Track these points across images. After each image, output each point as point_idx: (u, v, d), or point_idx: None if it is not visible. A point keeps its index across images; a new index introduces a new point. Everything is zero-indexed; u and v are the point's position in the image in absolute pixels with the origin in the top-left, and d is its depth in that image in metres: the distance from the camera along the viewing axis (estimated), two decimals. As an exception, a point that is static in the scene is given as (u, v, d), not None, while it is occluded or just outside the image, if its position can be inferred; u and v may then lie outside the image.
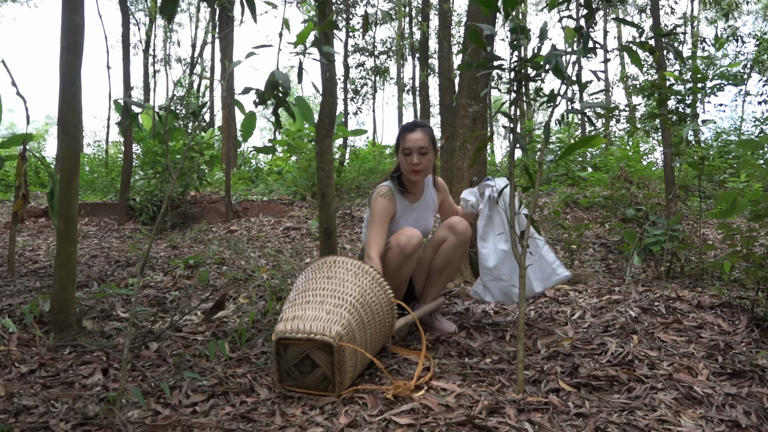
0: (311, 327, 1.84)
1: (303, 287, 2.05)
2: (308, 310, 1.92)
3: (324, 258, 2.19)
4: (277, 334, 1.85)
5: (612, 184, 5.85)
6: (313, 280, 2.07)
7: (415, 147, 2.42)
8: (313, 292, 2.00)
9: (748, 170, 3.50)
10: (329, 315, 1.89)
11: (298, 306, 1.95)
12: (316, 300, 1.96)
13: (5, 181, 10.70)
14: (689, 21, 15.38)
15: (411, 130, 2.47)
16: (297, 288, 2.09)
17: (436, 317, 2.53)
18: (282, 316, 1.94)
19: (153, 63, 19.39)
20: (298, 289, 2.06)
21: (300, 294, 2.02)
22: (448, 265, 2.48)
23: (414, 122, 2.53)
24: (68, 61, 2.44)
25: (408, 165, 2.44)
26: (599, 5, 1.87)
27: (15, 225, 3.79)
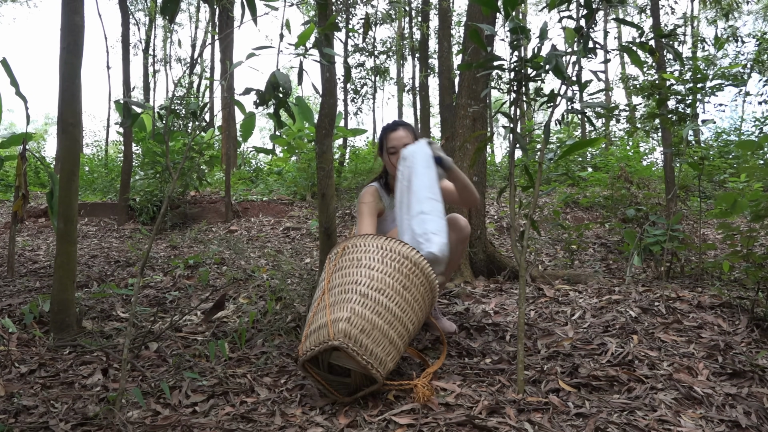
0: (372, 353, 1.75)
1: (356, 277, 1.90)
2: (375, 325, 1.79)
3: (363, 240, 2.03)
4: (339, 339, 1.73)
5: (612, 184, 5.85)
6: (363, 268, 1.93)
7: (399, 145, 2.42)
8: (371, 290, 1.86)
9: (748, 171, 3.49)
10: (389, 344, 1.81)
11: (366, 309, 1.81)
12: (382, 312, 1.83)
13: (5, 181, 10.70)
14: (689, 21, 15.38)
15: (393, 129, 2.47)
16: (347, 274, 1.93)
17: (435, 316, 2.53)
18: (346, 308, 1.80)
19: (153, 63, 19.39)
20: (349, 278, 1.91)
21: (366, 288, 1.86)
22: (450, 258, 2.49)
23: (395, 122, 2.52)
24: (68, 61, 2.44)
25: (393, 164, 2.42)
26: (599, 5, 1.87)
27: (15, 225, 3.79)
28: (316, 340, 1.79)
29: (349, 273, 1.94)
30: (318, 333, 1.80)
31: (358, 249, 2.01)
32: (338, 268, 1.98)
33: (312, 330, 1.85)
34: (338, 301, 1.85)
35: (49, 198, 3.53)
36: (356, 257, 1.98)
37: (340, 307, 1.83)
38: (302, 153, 8.47)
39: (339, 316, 1.79)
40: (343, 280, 1.92)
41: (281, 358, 2.21)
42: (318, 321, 1.85)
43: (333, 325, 1.77)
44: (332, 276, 1.97)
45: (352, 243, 2.04)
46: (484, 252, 3.76)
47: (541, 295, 3.06)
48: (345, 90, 12.74)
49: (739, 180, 5.41)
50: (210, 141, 8.11)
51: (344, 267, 1.97)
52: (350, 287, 1.88)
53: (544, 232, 5.65)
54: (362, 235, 2.07)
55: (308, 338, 1.84)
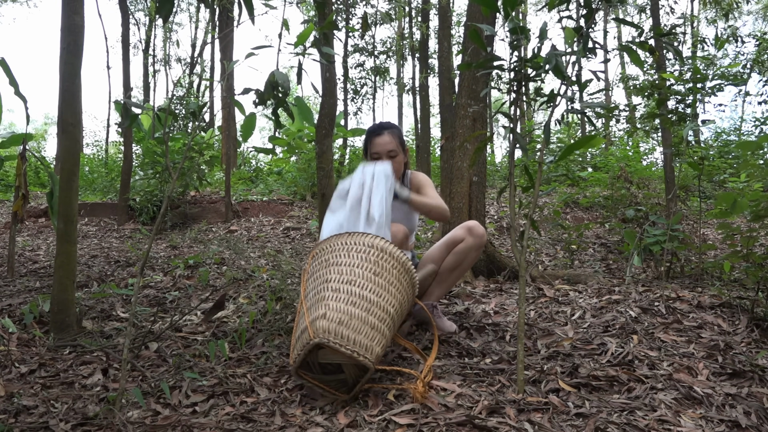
0: (355, 341, 1.78)
1: (337, 275, 1.93)
2: (353, 315, 1.83)
3: (344, 237, 2.06)
4: (319, 335, 1.77)
5: (612, 184, 5.85)
6: (346, 266, 1.96)
7: (383, 151, 2.42)
8: (351, 284, 1.90)
9: (748, 170, 3.50)
10: (371, 330, 1.84)
11: (340, 302, 1.85)
12: (357, 301, 1.87)
13: (5, 181, 10.70)
14: (689, 21, 15.38)
15: (378, 133, 2.43)
16: (330, 272, 1.95)
17: (437, 315, 2.53)
18: (321, 306, 1.84)
19: (153, 63, 19.39)
20: (333, 276, 1.94)
21: (337, 284, 1.90)
22: (459, 265, 2.49)
23: (380, 125, 2.48)
24: (68, 61, 2.44)
25: None
26: (599, 5, 1.87)
27: (15, 225, 3.79)
28: (301, 344, 1.83)
29: (319, 275, 1.99)
30: (301, 338, 1.84)
31: (325, 251, 2.07)
32: (310, 274, 2.04)
33: (296, 338, 1.89)
34: (313, 303, 1.89)
35: (49, 198, 3.53)
36: (324, 259, 2.04)
37: (316, 307, 1.87)
38: (302, 153, 8.47)
39: (315, 315, 1.83)
40: (315, 284, 1.98)
41: (281, 358, 2.21)
42: (299, 327, 1.89)
43: (311, 325, 1.81)
44: (306, 283, 2.03)
45: (319, 248, 2.10)
46: (484, 252, 3.76)
47: (541, 295, 3.06)
48: (345, 90, 12.74)
49: (739, 180, 5.41)
50: (210, 141, 8.11)
51: (315, 271, 2.03)
52: (322, 287, 1.93)
53: (544, 232, 5.65)
54: (326, 238, 2.11)
55: (295, 347, 1.88)
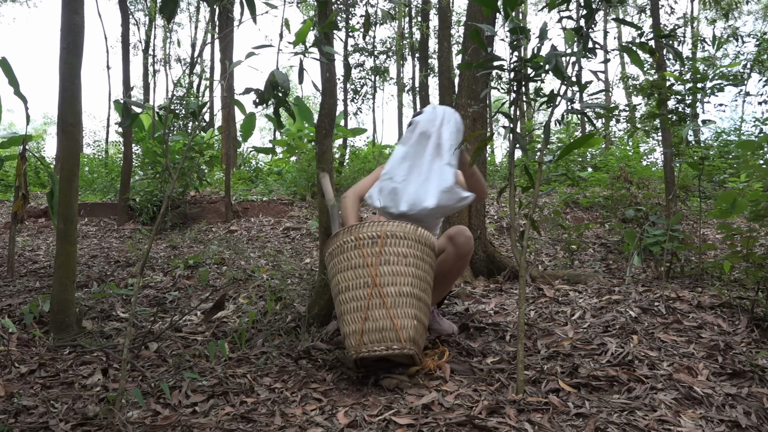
0: (420, 345, 1.98)
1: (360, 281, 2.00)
2: (420, 321, 1.98)
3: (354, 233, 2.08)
4: (409, 348, 1.91)
5: (612, 184, 5.85)
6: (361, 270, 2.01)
7: None
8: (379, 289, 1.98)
9: (748, 171, 3.50)
10: (425, 330, 2.05)
11: (413, 309, 1.97)
12: (421, 306, 2.01)
13: (5, 181, 10.70)
14: (689, 21, 15.38)
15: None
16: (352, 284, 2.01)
17: (436, 318, 2.53)
18: (405, 314, 1.94)
19: (153, 63, 19.40)
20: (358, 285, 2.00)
21: (409, 288, 1.98)
22: (448, 274, 2.37)
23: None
24: (68, 61, 2.44)
25: None
26: (599, 5, 1.87)
27: (15, 225, 3.79)
28: (382, 341, 1.91)
29: (400, 272, 1.99)
30: (382, 334, 1.92)
31: (401, 242, 2.04)
32: (385, 261, 2.01)
33: (371, 328, 1.93)
34: (398, 304, 1.95)
35: (49, 198, 3.53)
36: (401, 252, 2.02)
37: (404, 312, 1.94)
38: (302, 153, 8.47)
39: (405, 324, 1.93)
40: (397, 280, 1.98)
41: (281, 358, 2.21)
42: (378, 321, 1.94)
43: (401, 331, 1.92)
44: (380, 269, 1.99)
45: (392, 232, 2.05)
46: (484, 252, 3.76)
47: (541, 295, 3.06)
48: (345, 90, 12.74)
49: (739, 180, 5.41)
50: (210, 141, 8.11)
51: (392, 263, 2.01)
52: (406, 290, 1.97)
53: (544, 232, 5.65)
54: (397, 223, 2.08)
55: (366, 335, 1.93)
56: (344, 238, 2.07)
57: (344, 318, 2.00)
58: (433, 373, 1.98)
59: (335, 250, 2.10)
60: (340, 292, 2.04)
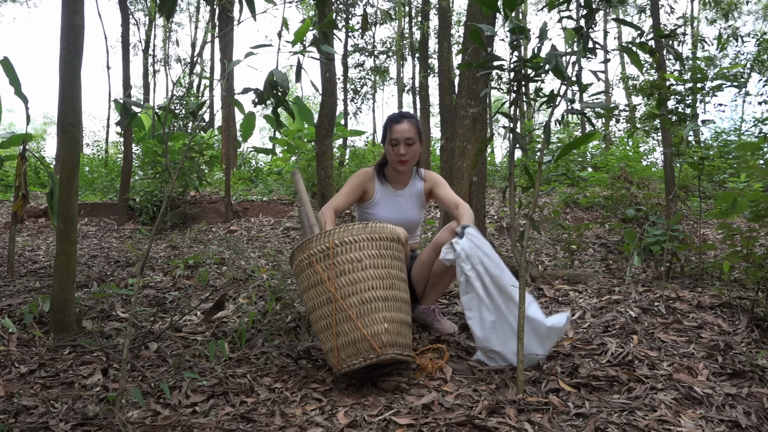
0: (406, 346, 1.98)
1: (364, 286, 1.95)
2: (402, 322, 1.98)
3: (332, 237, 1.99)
4: (388, 352, 1.89)
5: (612, 184, 5.85)
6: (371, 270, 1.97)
7: (401, 138, 2.48)
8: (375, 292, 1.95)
9: (748, 171, 3.49)
10: (409, 329, 2.04)
11: (392, 312, 1.95)
12: (400, 306, 2.00)
13: (5, 181, 10.70)
14: (689, 21, 15.38)
15: (398, 121, 2.52)
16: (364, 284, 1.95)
17: (436, 317, 2.53)
18: (378, 318, 1.91)
19: (153, 63, 19.40)
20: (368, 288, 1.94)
21: (383, 291, 1.95)
22: (449, 269, 2.39)
23: (401, 113, 2.57)
24: (68, 61, 2.44)
25: (395, 155, 2.50)
26: (599, 5, 1.87)
27: (15, 225, 3.79)
28: (358, 353, 1.89)
29: (358, 278, 1.93)
30: (356, 346, 1.89)
31: (352, 246, 1.96)
32: (340, 272, 1.94)
33: (344, 343, 1.90)
34: (364, 312, 1.90)
35: (49, 198, 3.53)
36: (354, 257, 1.95)
37: (372, 319, 1.90)
38: (302, 153, 8.47)
39: (376, 330, 1.89)
40: (356, 288, 1.92)
41: (281, 358, 2.21)
42: (348, 334, 1.90)
43: (374, 339, 1.88)
44: (337, 281, 1.93)
45: (340, 239, 1.97)
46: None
47: (541, 295, 3.06)
48: (345, 90, 12.73)
49: (739, 180, 5.42)
50: (210, 141, 8.10)
51: (348, 271, 1.94)
52: (368, 295, 1.92)
53: (544, 232, 5.65)
54: (346, 227, 2.02)
55: (342, 351, 1.89)
56: (299, 257, 2.02)
57: (319, 337, 1.99)
58: (434, 375, 1.97)
59: (295, 270, 2.05)
60: (309, 311, 2.02)
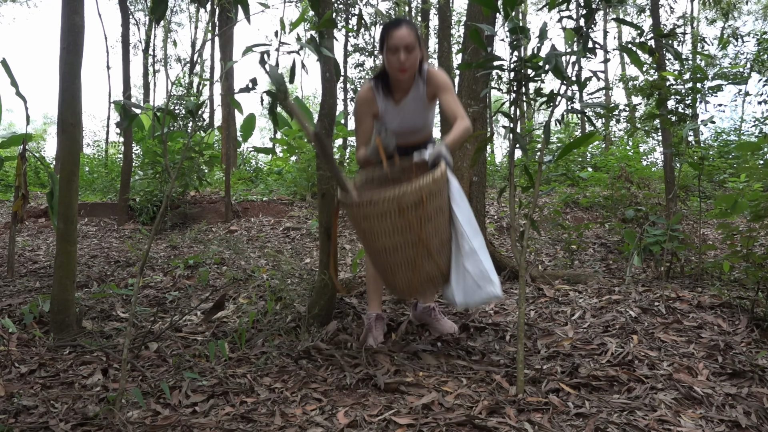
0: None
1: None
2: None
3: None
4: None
5: (612, 184, 5.85)
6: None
7: (401, 44, 2.32)
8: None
9: (748, 171, 3.50)
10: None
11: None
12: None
13: (5, 181, 10.70)
14: (689, 21, 15.38)
15: (396, 26, 2.35)
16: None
17: (436, 316, 2.53)
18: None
19: (153, 63, 19.41)
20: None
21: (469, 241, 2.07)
22: None
23: (398, 19, 2.43)
24: (68, 61, 2.44)
25: (395, 63, 2.33)
26: (599, 5, 1.87)
27: (15, 225, 3.79)
28: (435, 287, 2.18)
29: (440, 223, 2.09)
30: (433, 282, 2.14)
31: (435, 197, 2.06)
32: (428, 218, 2.04)
33: (424, 278, 2.12)
34: (442, 252, 2.11)
35: (49, 198, 3.52)
36: (438, 206, 2.07)
37: (446, 257, 2.13)
38: (302, 153, 8.47)
39: (447, 266, 2.14)
40: (438, 230, 2.09)
41: (281, 358, 2.21)
42: (429, 271, 2.11)
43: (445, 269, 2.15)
44: (427, 228, 2.04)
45: (428, 192, 2.03)
46: (484, 252, 3.76)
47: (541, 295, 3.06)
48: (345, 89, 12.73)
49: (739, 180, 5.42)
50: (210, 141, 8.10)
51: (433, 218, 2.06)
52: (446, 238, 2.12)
53: (544, 232, 5.65)
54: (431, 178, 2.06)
55: (422, 285, 2.14)
56: (382, 206, 2.04)
57: (394, 275, 2.16)
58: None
59: (370, 214, 2.07)
60: (385, 253, 2.11)
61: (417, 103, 2.46)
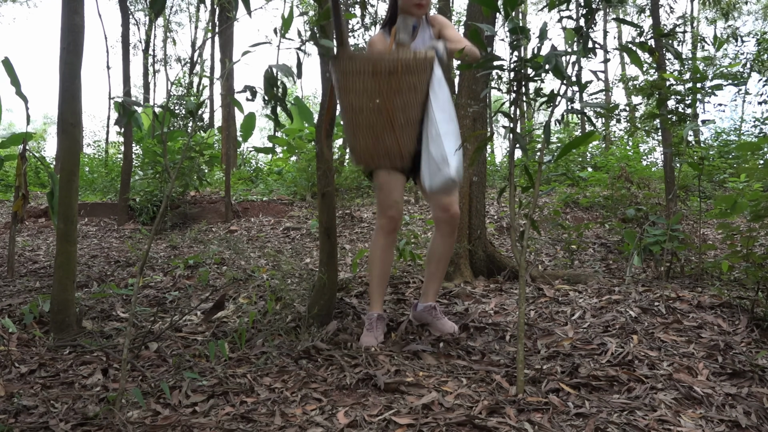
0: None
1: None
2: None
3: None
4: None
5: (612, 184, 5.85)
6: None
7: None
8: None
9: (748, 171, 3.49)
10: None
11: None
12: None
13: (5, 181, 10.70)
14: (689, 21, 15.38)
15: None
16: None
17: (437, 315, 2.53)
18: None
19: (153, 63, 19.40)
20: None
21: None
22: (441, 258, 2.54)
23: None
24: (68, 61, 2.44)
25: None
26: (599, 5, 1.87)
27: (15, 225, 3.79)
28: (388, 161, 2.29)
29: (409, 102, 2.19)
30: (390, 156, 2.27)
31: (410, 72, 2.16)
32: (396, 91, 2.15)
33: (380, 152, 2.29)
34: (405, 132, 2.24)
35: (49, 198, 3.53)
36: (413, 82, 2.17)
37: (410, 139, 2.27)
38: (302, 153, 8.47)
39: (409, 150, 2.33)
40: (406, 109, 2.20)
41: (281, 358, 2.21)
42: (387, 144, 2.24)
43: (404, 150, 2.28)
44: (394, 100, 2.15)
45: (405, 64, 2.15)
46: (484, 252, 3.76)
47: (541, 295, 3.06)
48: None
49: (739, 180, 5.41)
50: (210, 141, 8.09)
51: (404, 93, 2.17)
52: (413, 117, 2.23)
53: (544, 232, 5.65)
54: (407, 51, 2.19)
55: (374, 156, 2.30)
56: (361, 63, 2.18)
57: (353, 132, 2.28)
58: None
59: (350, 70, 2.20)
60: (353, 111, 2.23)
61: (426, 44, 2.57)
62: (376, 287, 2.53)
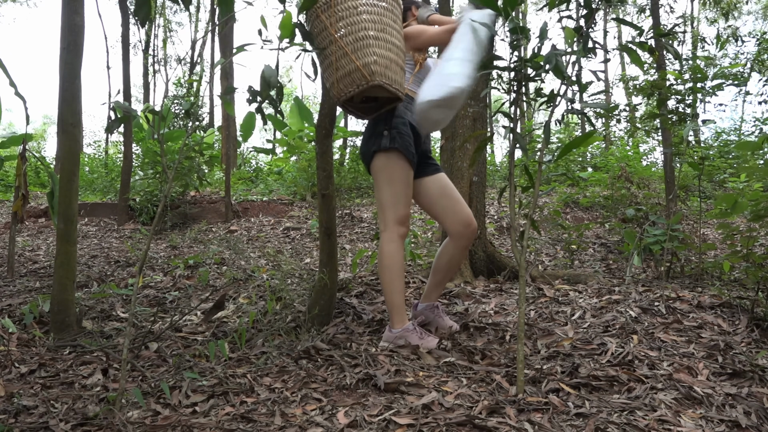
0: (395, 81, 2.21)
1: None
2: (390, 59, 2.20)
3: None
4: (376, 79, 2.13)
5: (612, 184, 5.85)
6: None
7: None
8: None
9: (748, 170, 3.50)
10: (400, 69, 2.27)
11: (382, 49, 2.18)
12: (391, 47, 2.23)
13: (5, 181, 10.71)
14: (689, 21, 15.38)
15: None
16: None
17: (439, 314, 2.54)
18: (369, 53, 2.14)
19: (153, 63, 19.40)
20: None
21: (375, 32, 2.19)
22: (453, 268, 2.51)
23: None
24: (68, 61, 2.44)
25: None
26: (599, 5, 1.87)
27: (15, 225, 3.80)
28: (353, 82, 2.15)
29: (353, 22, 2.18)
30: (351, 77, 2.14)
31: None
32: (338, 18, 2.18)
33: (341, 75, 2.16)
34: (357, 48, 2.15)
35: (49, 198, 3.53)
36: (352, 5, 2.19)
37: (363, 53, 2.14)
38: (302, 153, 8.47)
39: (367, 61, 2.13)
40: (352, 29, 2.17)
41: (281, 358, 2.21)
42: (345, 67, 2.15)
43: (365, 68, 2.13)
44: (337, 26, 2.18)
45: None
46: (484, 252, 3.76)
47: (541, 295, 3.06)
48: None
49: (739, 180, 5.41)
50: (210, 141, 8.09)
51: (344, 17, 2.18)
52: (362, 35, 2.17)
53: (544, 232, 5.65)
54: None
55: (340, 82, 2.16)
56: (313, 13, 2.25)
57: (324, 75, 2.27)
58: None
59: (312, 22, 2.27)
60: (324, 55, 2.25)
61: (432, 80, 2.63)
62: (401, 301, 2.34)
